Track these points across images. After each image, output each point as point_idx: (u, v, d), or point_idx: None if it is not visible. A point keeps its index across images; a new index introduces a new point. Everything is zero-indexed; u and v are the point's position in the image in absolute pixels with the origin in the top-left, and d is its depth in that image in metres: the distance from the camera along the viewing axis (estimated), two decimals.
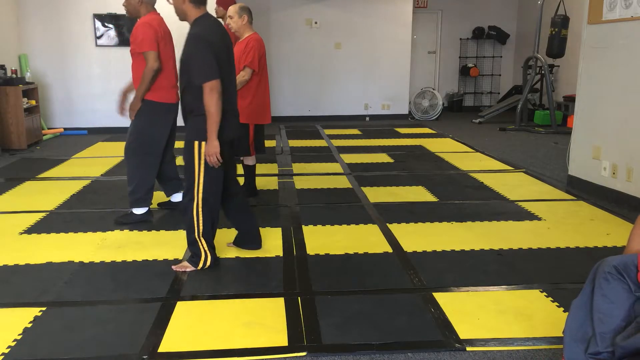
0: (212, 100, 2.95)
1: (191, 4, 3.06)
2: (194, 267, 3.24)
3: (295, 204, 4.64)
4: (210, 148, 3.01)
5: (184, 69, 3.06)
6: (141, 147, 4.05)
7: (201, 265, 3.23)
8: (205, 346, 2.42)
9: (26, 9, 8.31)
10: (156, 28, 3.95)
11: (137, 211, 4.09)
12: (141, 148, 4.05)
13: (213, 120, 2.98)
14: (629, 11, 4.40)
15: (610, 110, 4.71)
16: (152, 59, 3.89)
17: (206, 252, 3.23)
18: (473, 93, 11.81)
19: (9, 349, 2.39)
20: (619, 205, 4.54)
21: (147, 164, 4.10)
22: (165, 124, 4.12)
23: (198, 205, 3.15)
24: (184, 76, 3.08)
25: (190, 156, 3.10)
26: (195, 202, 3.14)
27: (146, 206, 4.13)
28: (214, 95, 2.95)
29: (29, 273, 3.22)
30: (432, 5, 11.30)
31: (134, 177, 4.08)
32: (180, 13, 3.12)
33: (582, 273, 2.98)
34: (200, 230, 3.19)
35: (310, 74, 10.20)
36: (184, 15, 3.12)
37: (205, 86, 2.94)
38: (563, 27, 8.42)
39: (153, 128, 4.07)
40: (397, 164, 6.24)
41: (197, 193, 3.13)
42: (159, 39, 3.95)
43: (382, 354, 2.37)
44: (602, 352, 1.88)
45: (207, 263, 3.24)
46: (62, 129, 8.50)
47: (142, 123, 4.02)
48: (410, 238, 3.78)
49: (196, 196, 3.14)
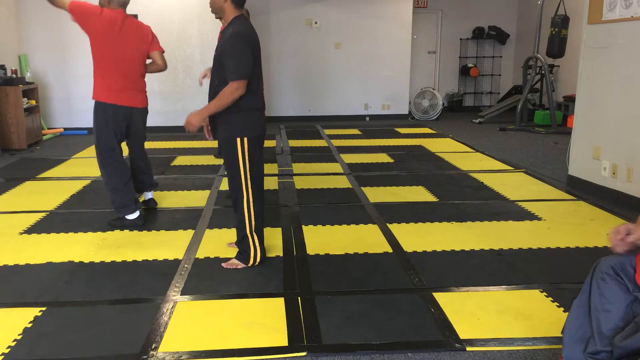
0: (231, 96, 3.01)
1: (232, 4, 3.09)
2: (244, 264, 3.27)
3: (295, 204, 4.64)
4: (195, 119, 3.08)
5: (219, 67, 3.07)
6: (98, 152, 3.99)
7: (251, 262, 3.27)
8: (205, 346, 2.42)
9: (26, 9, 8.32)
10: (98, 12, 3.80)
11: (128, 216, 4.03)
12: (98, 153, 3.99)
13: (217, 106, 3.04)
14: (629, 11, 4.40)
15: (610, 110, 4.71)
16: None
17: (256, 247, 3.27)
18: (473, 93, 11.81)
19: (9, 349, 2.39)
20: (619, 205, 4.54)
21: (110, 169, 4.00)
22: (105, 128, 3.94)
23: (249, 201, 3.19)
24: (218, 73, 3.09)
25: (234, 153, 3.13)
26: (245, 198, 3.18)
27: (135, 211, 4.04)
28: (235, 94, 3.01)
29: (29, 273, 3.22)
30: (432, 5, 11.30)
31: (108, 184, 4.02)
32: (217, 10, 3.14)
33: (582, 273, 2.98)
34: (252, 225, 3.23)
35: (310, 74, 10.20)
36: (221, 12, 3.14)
37: (234, 83, 2.99)
38: (563, 27, 8.43)
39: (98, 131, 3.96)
40: (397, 164, 6.24)
41: (246, 189, 3.17)
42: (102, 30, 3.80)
43: (382, 354, 2.37)
44: (600, 352, 1.88)
45: (258, 259, 3.28)
46: (62, 129, 8.51)
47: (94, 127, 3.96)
48: (410, 238, 3.78)
49: (245, 192, 3.18)
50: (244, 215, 3.21)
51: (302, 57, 10.12)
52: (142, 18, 8.34)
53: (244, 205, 3.20)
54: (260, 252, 3.29)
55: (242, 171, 3.15)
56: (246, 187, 3.17)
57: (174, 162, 6.38)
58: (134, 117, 4.05)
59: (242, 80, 3.00)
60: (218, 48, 3.11)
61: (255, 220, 3.24)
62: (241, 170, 3.15)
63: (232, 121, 3.11)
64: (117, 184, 3.99)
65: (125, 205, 4.00)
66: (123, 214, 4.01)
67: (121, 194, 4.00)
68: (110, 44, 3.84)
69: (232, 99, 3.01)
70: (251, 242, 3.26)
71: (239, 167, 3.15)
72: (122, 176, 4.01)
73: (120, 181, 4.00)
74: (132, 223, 4.01)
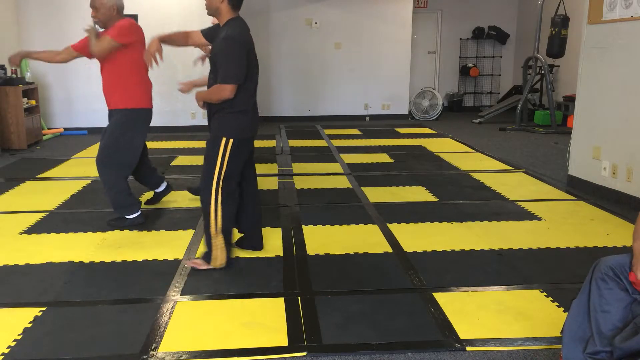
0: (218, 97, 3.05)
1: (229, 5, 3.09)
2: (206, 264, 3.24)
3: (295, 204, 4.64)
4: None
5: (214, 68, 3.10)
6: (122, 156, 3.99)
7: (214, 263, 3.23)
8: (205, 346, 2.42)
9: (26, 9, 8.32)
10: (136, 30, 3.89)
11: (129, 216, 4.03)
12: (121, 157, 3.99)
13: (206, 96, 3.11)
14: (629, 11, 4.40)
15: (610, 110, 4.71)
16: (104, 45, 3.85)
17: (221, 249, 3.22)
18: (473, 93, 11.81)
19: (9, 349, 2.39)
20: (619, 205, 4.54)
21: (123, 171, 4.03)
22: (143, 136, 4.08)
23: (217, 201, 3.17)
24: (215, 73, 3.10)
25: (215, 151, 3.13)
26: (213, 197, 3.16)
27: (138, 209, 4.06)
28: (222, 95, 3.04)
29: (29, 273, 3.22)
30: (432, 5, 11.30)
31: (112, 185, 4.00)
32: (213, 11, 3.14)
33: (582, 273, 2.98)
34: (218, 226, 3.20)
35: (310, 74, 10.20)
36: (217, 14, 3.14)
37: (223, 85, 3.01)
38: (563, 27, 8.43)
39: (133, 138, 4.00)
40: (397, 164, 6.24)
41: (216, 188, 3.15)
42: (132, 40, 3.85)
43: (382, 354, 2.37)
44: (600, 352, 1.88)
45: (223, 261, 3.23)
46: (62, 129, 8.51)
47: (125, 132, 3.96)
48: (410, 238, 3.78)
49: (215, 191, 3.16)
50: (209, 215, 3.18)
51: (302, 57, 10.11)
52: (142, 18, 8.36)
53: (210, 204, 3.17)
54: (226, 254, 3.23)
55: (217, 169, 3.14)
56: (216, 187, 3.15)
57: (174, 162, 6.38)
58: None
59: (232, 84, 3.02)
60: (212, 49, 3.12)
61: (223, 222, 3.19)
62: (217, 169, 3.14)
63: (224, 120, 3.13)
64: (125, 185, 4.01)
65: (130, 204, 4.01)
66: (125, 214, 4.01)
67: (126, 194, 4.00)
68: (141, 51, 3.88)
69: (217, 99, 3.06)
70: (214, 242, 3.20)
71: (215, 165, 3.14)
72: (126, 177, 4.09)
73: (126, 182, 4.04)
74: (132, 222, 4.01)
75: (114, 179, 3.95)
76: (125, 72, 3.88)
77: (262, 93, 10.23)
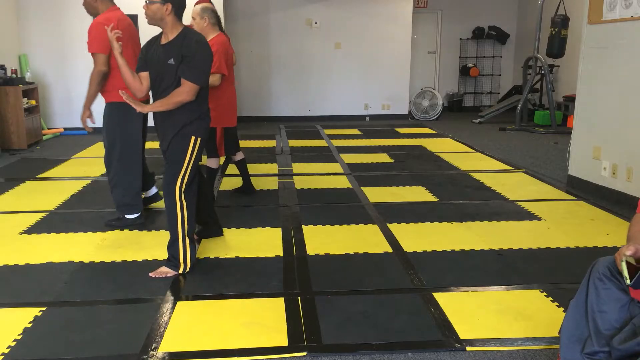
0: (182, 98, 3.02)
1: (175, 16, 3.08)
2: (174, 271, 3.16)
3: (295, 204, 4.63)
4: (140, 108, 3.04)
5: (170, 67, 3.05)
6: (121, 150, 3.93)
7: (182, 268, 3.16)
8: (205, 346, 2.42)
9: (26, 9, 8.32)
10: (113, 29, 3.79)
11: (129, 216, 4.03)
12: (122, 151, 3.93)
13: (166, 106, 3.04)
14: (629, 11, 4.40)
15: (610, 110, 4.71)
16: (100, 62, 3.76)
17: (187, 252, 3.16)
18: (473, 93, 11.81)
19: (9, 349, 2.39)
20: (619, 205, 4.54)
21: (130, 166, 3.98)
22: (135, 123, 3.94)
23: (182, 204, 3.13)
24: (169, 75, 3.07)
25: (184, 151, 3.10)
26: (178, 199, 3.12)
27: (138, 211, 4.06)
28: (187, 97, 3.03)
29: (29, 273, 3.22)
30: (432, 5, 11.30)
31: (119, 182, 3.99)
32: (156, 20, 3.08)
33: (582, 273, 2.96)
34: (185, 228, 3.16)
35: (310, 74, 10.20)
36: (162, 24, 3.08)
37: (191, 85, 3.01)
38: (563, 27, 8.43)
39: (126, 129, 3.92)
40: (397, 164, 6.24)
41: (180, 188, 3.11)
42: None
43: (382, 354, 2.37)
44: (598, 352, 1.88)
45: (188, 265, 3.17)
46: (62, 129, 8.50)
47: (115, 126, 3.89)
48: (410, 238, 3.78)
49: (179, 193, 3.11)
50: (176, 218, 3.13)
51: (302, 57, 10.11)
52: (142, 18, 8.34)
53: (176, 206, 3.12)
54: (190, 257, 3.18)
55: (183, 169, 3.12)
56: (180, 187, 3.12)
57: None
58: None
59: (200, 86, 3.06)
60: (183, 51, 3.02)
61: (189, 224, 3.17)
62: (183, 168, 3.12)
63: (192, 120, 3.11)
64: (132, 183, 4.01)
65: (134, 204, 4.03)
66: (126, 213, 4.02)
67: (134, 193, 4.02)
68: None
69: (181, 100, 3.02)
70: (181, 246, 3.15)
71: (182, 165, 3.11)
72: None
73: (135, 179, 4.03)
74: (133, 222, 4.02)
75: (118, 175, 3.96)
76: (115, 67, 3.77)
77: (262, 93, 10.24)
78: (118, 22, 3.75)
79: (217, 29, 4.37)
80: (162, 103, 3.06)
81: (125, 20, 3.93)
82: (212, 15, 4.33)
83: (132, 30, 3.96)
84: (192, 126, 3.13)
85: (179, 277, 3.15)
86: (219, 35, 4.36)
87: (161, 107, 3.06)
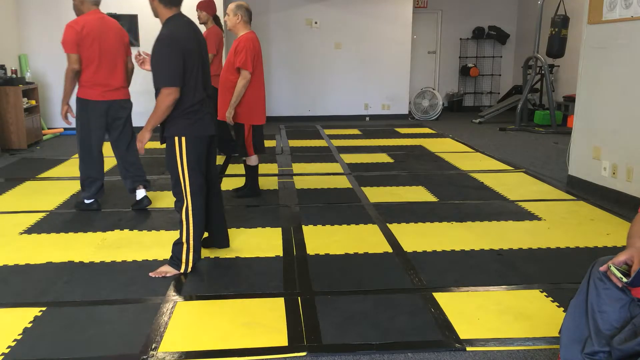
0: (165, 103, 2.94)
1: (161, 3, 3.01)
2: (175, 270, 3.17)
3: (295, 204, 4.64)
4: (143, 136, 3.05)
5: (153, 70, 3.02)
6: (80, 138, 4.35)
7: (183, 267, 3.16)
8: (205, 346, 2.42)
9: (26, 9, 8.32)
10: (77, 29, 4.05)
11: (86, 200, 4.42)
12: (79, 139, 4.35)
13: (157, 117, 2.98)
14: (629, 11, 4.40)
15: (610, 110, 4.71)
16: (71, 61, 4.09)
17: (189, 254, 3.15)
18: (473, 93, 11.81)
19: (9, 349, 2.39)
20: (619, 205, 4.54)
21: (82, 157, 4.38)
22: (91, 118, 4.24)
23: (188, 209, 3.11)
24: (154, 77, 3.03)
25: (172, 154, 3.06)
26: (185, 204, 3.11)
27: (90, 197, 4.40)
28: (168, 101, 2.93)
29: (29, 273, 3.22)
30: (432, 5, 11.30)
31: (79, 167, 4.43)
32: (152, 10, 3.09)
33: (582, 273, 2.96)
34: (190, 234, 3.13)
35: (310, 74, 10.20)
36: (155, 13, 3.09)
37: (164, 90, 2.93)
38: (563, 27, 8.43)
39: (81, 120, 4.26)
40: (397, 164, 6.24)
41: (186, 193, 3.10)
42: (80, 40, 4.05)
43: (382, 354, 2.37)
44: (598, 352, 1.88)
45: (190, 265, 3.17)
46: (62, 129, 8.50)
47: (77, 117, 4.29)
48: (410, 238, 3.78)
49: (185, 197, 3.10)
50: (182, 222, 3.12)
51: (302, 57, 10.12)
52: (142, 18, 8.37)
53: (183, 211, 3.11)
54: (192, 259, 3.16)
55: (180, 175, 3.06)
56: (185, 191, 3.09)
57: None
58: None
59: (171, 86, 2.92)
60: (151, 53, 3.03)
61: (194, 230, 3.13)
62: (179, 174, 3.06)
63: (174, 121, 3.04)
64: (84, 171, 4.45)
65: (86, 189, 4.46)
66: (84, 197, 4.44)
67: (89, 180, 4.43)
68: None
69: (166, 105, 2.94)
70: (185, 249, 3.14)
71: (177, 170, 3.06)
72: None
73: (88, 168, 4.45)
74: (87, 207, 4.41)
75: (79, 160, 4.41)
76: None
77: None
78: (85, 24, 4.09)
79: (248, 26, 4.45)
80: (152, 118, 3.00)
81: (96, 22, 4.17)
82: (246, 13, 4.41)
83: (103, 30, 4.16)
84: (174, 126, 3.03)
85: (179, 277, 3.15)
86: (250, 32, 4.43)
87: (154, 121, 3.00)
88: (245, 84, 4.32)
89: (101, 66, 4.14)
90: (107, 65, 4.17)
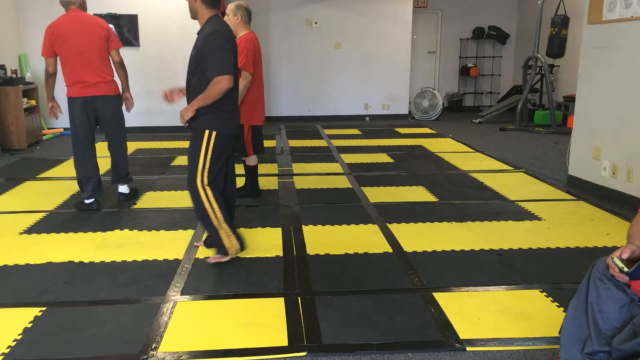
0: (217, 90, 3.05)
1: (203, 4, 3.15)
2: (225, 256, 3.30)
3: (295, 204, 4.64)
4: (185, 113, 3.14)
5: (197, 65, 3.11)
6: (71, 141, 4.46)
7: (232, 252, 3.29)
8: (205, 346, 2.42)
9: (26, 9, 8.32)
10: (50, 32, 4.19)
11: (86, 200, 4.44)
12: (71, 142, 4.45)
13: (205, 101, 3.09)
14: (629, 11, 4.40)
15: (610, 110, 4.71)
16: (46, 64, 4.31)
17: (230, 237, 3.27)
18: (473, 93, 11.82)
19: (9, 349, 2.39)
20: (619, 205, 4.54)
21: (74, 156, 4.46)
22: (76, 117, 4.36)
23: (208, 195, 3.19)
24: (196, 73, 3.13)
25: (199, 144, 3.16)
26: (202, 192, 3.19)
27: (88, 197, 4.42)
28: (221, 87, 3.05)
29: (29, 273, 3.22)
30: (432, 5, 11.30)
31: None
32: (192, 11, 3.21)
33: (582, 273, 2.97)
34: (218, 217, 3.22)
35: (310, 74, 10.20)
36: (194, 14, 3.21)
37: (219, 77, 3.03)
38: (563, 27, 8.43)
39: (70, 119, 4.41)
40: (397, 164, 6.24)
41: (202, 181, 3.19)
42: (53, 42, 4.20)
43: (382, 354, 2.37)
44: (598, 352, 1.88)
45: (237, 247, 3.30)
46: (62, 129, 8.49)
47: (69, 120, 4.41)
48: (410, 238, 3.78)
49: (201, 185, 3.19)
50: (206, 210, 3.21)
51: (302, 57, 10.12)
52: (142, 18, 8.37)
53: (202, 199, 3.20)
54: (236, 239, 3.30)
55: (201, 163, 3.17)
56: (202, 179, 3.18)
57: (174, 162, 6.38)
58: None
59: (226, 75, 3.05)
60: (195, 49, 3.13)
61: (222, 213, 3.23)
62: (200, 162, 3.17)
63: (207, 116, 3.15)
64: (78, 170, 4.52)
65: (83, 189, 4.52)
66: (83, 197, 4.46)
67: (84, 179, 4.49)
68: None
69: (217, 92, 3.06)
70: (223, 234, 3.25)
71: (198, 158, 3.17)
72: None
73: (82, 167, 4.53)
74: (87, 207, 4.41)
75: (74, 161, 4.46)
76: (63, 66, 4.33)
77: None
78: (56, 26, 4.22)
79: (248, 27, 4.47)
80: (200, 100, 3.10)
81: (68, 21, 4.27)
82: (245, 13, 4.43)
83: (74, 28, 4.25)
84: (206, 119, 3.15)
85: (179, 277, 3.15)
86: (250, 32, 4.45)
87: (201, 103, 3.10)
88: (246, 84, 4.32)
89: (75, 64, 4.25)
90: (80, 62, 4.26)
